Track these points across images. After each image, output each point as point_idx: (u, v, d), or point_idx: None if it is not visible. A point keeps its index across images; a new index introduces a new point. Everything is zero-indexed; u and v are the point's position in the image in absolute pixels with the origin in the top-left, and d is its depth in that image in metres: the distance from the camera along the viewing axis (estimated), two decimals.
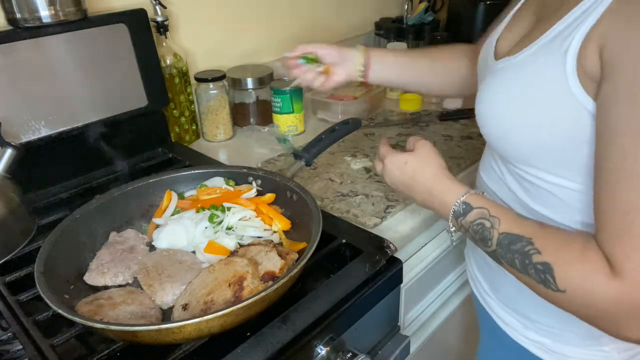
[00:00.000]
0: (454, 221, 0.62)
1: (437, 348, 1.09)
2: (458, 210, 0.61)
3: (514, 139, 0.59)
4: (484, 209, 0.58)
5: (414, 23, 1.55)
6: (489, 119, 0.62)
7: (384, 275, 0.74)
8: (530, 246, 0.51)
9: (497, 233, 0.55)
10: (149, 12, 1.02)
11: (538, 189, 0.60)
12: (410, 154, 0.69)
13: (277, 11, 1.38)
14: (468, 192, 0.61)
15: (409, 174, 0.68)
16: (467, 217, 0.60)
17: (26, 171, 0.88)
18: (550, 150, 0.56)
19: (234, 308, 0.56)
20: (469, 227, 0.60)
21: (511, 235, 0.54)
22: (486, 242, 0.57)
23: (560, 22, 0.53)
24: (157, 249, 0.79)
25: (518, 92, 0.57)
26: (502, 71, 0.60)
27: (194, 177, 0.91)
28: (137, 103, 1.05)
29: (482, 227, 0.57)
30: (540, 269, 0.50)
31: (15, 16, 0.86)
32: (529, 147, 0.58)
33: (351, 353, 0.70)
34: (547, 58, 0.53)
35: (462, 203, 0.61)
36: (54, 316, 0.66)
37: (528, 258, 0.51)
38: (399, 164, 0.69)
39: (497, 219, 0.56)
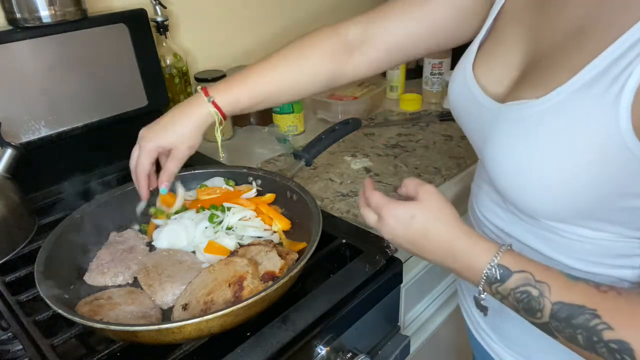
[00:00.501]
0: (486, 288, 0.52)
1: (437, 348, 1.09)
2: (493, 275, 0.50)
3: (544, 198, 0.51)
4: (527, 273, 0.49)
5: None
6: (510, 173, 0.53)
7: (384, 275, 0.74)
8: (597, 320, 0.44)
9: (549, 303, 0.47)
10: (149, 12, 1.02)
11: (560, 238, 0.55)
12: (417, 206, 0.55)
13: (276, 11, 1.38)
14: (500, 251, 0.51)
15: (418, 231, 0.55)
16: (505, 283, 0.50)
17: (26, 171, 0.88)
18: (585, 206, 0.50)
19: (234, 308, 0.56)
20: (508, 294, 0.50)
21: (569, 306, 0.46)
22: (534, 314, 0.49)
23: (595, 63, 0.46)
24: (157, 249, 0.79)
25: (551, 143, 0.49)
26: (521, 119, 0.52)
27: (194, 177, 0.91)
28: (137, 103, 1.05)
29: (529, 296, 0.48)
30: (615, 348, 0.43)
31: (15, 16, 0.86)
32: (565, 207, 0.51)
33: (351, 353, 0.70)
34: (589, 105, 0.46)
35: (497, 266, 0.50)
36: (54, 316, 0.66)
37: (597, 335, 0.44)
38: (403, 218, 0.55)
39: (545, 285, 0.47)
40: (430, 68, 1.38)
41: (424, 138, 1.17)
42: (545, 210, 0.53)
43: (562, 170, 0.49)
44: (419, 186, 0.57)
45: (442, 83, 1.35)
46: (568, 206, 0.51)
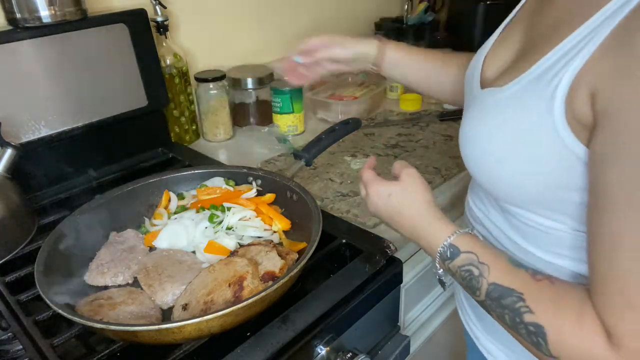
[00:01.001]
0: (440, 264, 0.58)
1: (437, 348, 1.09)
2: (445, 253, 0.56)
3: (497, 179, 0.55)
4: (472, 253, 0.54)
5: (414, 23, 1.55)
6: (471, 152, 0.58)
7: (384, 275, 0.74)
8: (522, 302, 0.48)
9: (486, 283, 0.51)
10: (149, 12, 1.02)
11: (526, 227, 0.57)
12: (396, 185, 0.63)
13: (277, 11, 1.38)
14: (455, 233, 0.56)
15: (393, 207, 0.62)
16: (454, 261, 0.55)
17: (26, 171, 0.88)
18: (535, 195, 0.53)
19: (234, 308, 0.56)
20: (456, 271, 0.56)
21: (501, 288, 0.50)
22: (474, 291, 0.53)
23: (548, 56, 0.48)
24: (157, 249, 0.79)
25: (503, 130, 0.53)
26: (486, 104, 0.56)
27: (194, 177, 0.91)
28: (137, 103, 1.05)
29: (470, 275, 0.53)
30: (532, 330, 0.47)
31: (15, 16, 0.86)
32: (513, 189, 0.55)
33: (351, 353, 0.70)
34: (534, 98, 0.49)
35: (449, 245, 0.56)
36: (54, 316, 0.66)
37: (519, 316, 0.48)
38: (382, 195, 0.63)
39: (486, 267, 0.52)
40: None
41: (424, 138, 1.17)
42: (500, 193, 0.57)
43: (506, 156, 0.53)
44: (403, 168, 0.64)
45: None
46: (518, 193, 0.55)
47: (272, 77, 1.25)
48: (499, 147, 0.53)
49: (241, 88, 1.23)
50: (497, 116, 0.54)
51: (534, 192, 0.53)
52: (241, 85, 1.22)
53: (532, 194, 0.53)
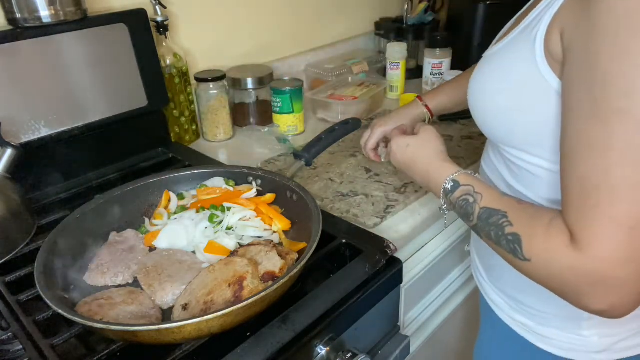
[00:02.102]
0: (444, 199, 0.66)
1: (437, 348, 1.09)
2: (447, 187, 0.64)
3: (494, 122, 0.62)
4: (470, 186, 0.62)
5: (414, 23, 1.55)
6: (474, 103, 0.65)
7: (384, 275, 0.74)
8: (505, 219, 0.54)
9: (478, 208, 0.59)
10: (149, 12, 1.02)
11: (519, 168, 0.63)
12: (412, 137, 0.73)
13: (277, 11, 1.38)
14: (458, 172, 0.65)
15: (409, 155, 0.72)
16: (454, 193, 0.63)
17: (26, 171, 0.88)
18: (526, 131, 0.58)
19: (234, 308, 0.56)
20: (455, 203, 0.63)
21: (490, 210, 0.57)
22: (469, 217, 0.60)
23: (532, 12, 0.56)
24: (157, 249, 0.79)
25: (497, 77, 0.60)
26: (485, 59, 0.64)
27: (194, 177, 0.91)
28: (137, 103, 1.05)
29: (467, 203, 0.61)
30: (511, 239, 0.53)
31: (15, 16, 0.86)
32: (508, 129, 0.61)
33: (351, 353, 0.70)
34: (520, 45, 0.56)
35: (451, 180, 0.64)
36: (54, 316, 0.66)
37: (501, 230, 0.54)
38: (402, 145, 0.73)
39: (480, 195, 0.59)
40: (430, 68, 1.38)
41: None
42: (497, 135, 0.64)
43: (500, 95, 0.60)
44: (422, 125, 0.76)
45: (442, 83, 1.35)
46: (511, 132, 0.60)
47: (272, 77, 1.25)
48: (492, 90, 0.61)
49: (241, 88, 1.23)
50: (491, 66, 0.62)
51: (525, 128, 0.58)
52: (241, 85, 1.22)
53: (523, 130, 0.59)
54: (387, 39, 1.57)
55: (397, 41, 1.50)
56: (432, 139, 0.72)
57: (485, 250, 0.74)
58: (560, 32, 0.50)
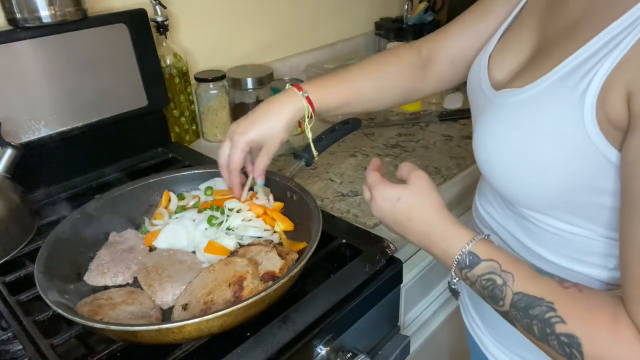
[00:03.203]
0: (457, 272, 0.55)
1: (437, 348, 1.09)
2: (463, 261, 0.53)
3: (518, 182, 0.53)
4: (495, 262, 0.51)
5: (414, 23, 1.55)
6: (491, 156, 0.56)
7: (384, 275, 0.74)
8: (553, 312, 0.45)
9: (511, 292, 0.49)
10: (149, 12, 1.02)
11: (541, 231, 0.56)
12: (405, 189, 0.59)
13: (277, 11, 1.38)
14: (474, 240, 0.53)
15: (402, 213, 0.58)
16: (474, 270, 0.52)
17: (26, 171, 0.88)
18: (555, 196, 0.51)
19: (234, 308, 0.56)
20: (475, 280, 0.53)
21: (528, 297, 0.47)
22: (497, 301, 0.50)
23: (575, 55, 0.47)
24: (157, 249, 0.79)
25: (527, 132, 0.51)
26: (506, 106, 0.54)
27: (194, 177, 0.91)
28: (137, 103, 1.05)
29: (493, 284, 0.50)
30: (565, 341, 0.44)
31: (15, 16, 0.86)
32: (531, 190, 0.53)
33: (351, 353, 0.70)
34: (561, 99, 0.47)
35: (468, 253, 0.53)
36: (54, 316, 0.66)
37: (550, 327, 0.45)
38: (390, 199, 0.59)
39: (510, 275, 0.49)
40: None
41: (424, 138, 1.17)
42: (517, 196, 0.55)
43: (532, 159, 0.51)
44: (412, 171, 0.60)
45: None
46: (538, 195, 0.52)
47: (272, 77, 1.25)
48: (518, 144, 0.51)
49: (241, 88, 1.23)
50: (517, 115, 0.52)
51: (553, 194, 0.51)
52: (241, 85, 1.22)
53: (551, 196, 0.51)
54: (387, 39, 1.57)
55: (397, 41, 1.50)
56: (429, 190, 0.58)
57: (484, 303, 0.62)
58: (626, 94, 0.41)
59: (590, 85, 0.44)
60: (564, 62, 0.48)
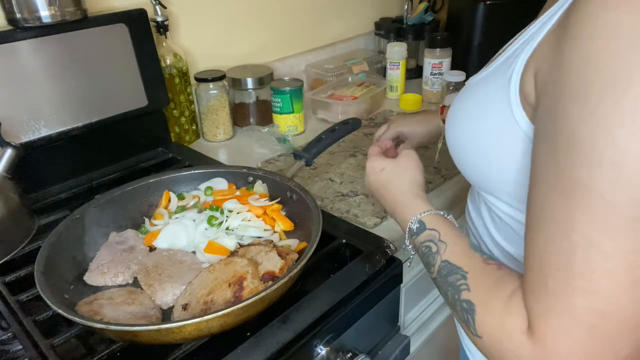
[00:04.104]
0: (409, 239, 0.59)
1: (437, 348, 1.09)
2: (412, 228, 0.58)
3: (468, 163, 0.56)
4: (436, 231, 0.55)
5: (414, 23, 1.55)
6: (452, 137, 0.58)
7: (384, 275, 0.74)
8: (463, 280, 0.48)
9: (439, 260, 0.52)
10: (149, 12, 1.02)
11: (499, 218, 0.56)
12: (390, 161, 0.67)
13: (277, 11, 1.38)
14: (428, 211, 0.58)
15: (382, 180, 0.66)
16: (419, 236, 0.57)
17: (26, 171, 0.88)
18: (499, 178, 0.52)
19: (234, 308, 0.56)
20: (418, 247, 0.57)
21: (451, 265, 0.50)
22: (429, 267, 0.54)
23: (513, 45, 0.50)
24: (157, 249, 0.79)
25: (472, 114, 0.53)
26: (467, 89, 0.57)
27: (194, 177, 0.91)
28: (137, 103, 1.05)
29: (429, 251, 0.54)
30: (465, 307, 0.46)
31: (15, 16, 0.86)
32: (481, 174, 0.54)
33: (351, 353, 0.70)
34: (495, 81, 0.49)
35: (417, 221, 0.58)
36: (54, 316, 0.66)
37: (458, 293, 0.48)
38: (376, 168, 0.67)
39: (444, 245, 0.53)
40: (430, 68, 1.38)
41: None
42: (472, 176, 0.57)
43: (477, 138, 0.52)
44: (404, 149, 0.69)
45: (442, 83, 1.35)
46: (484, 174, 0.54)
47: (272, 77, 1.25)
48: (470, 130, 0.54)
49: (241, 88, 1.23)
50: (468, 99, 0.55)
51: (498, 176, 0.51)
52: (241, 85, 1.22)
53: (497, 178, 0.52)
54: (387, 39, 1.57)
55: (397, 41, 1.50)
56: (411, 166, 0.65)
57: None
58: (534, 72, 0.43)
59: (515, 68, 0.46)
60: (507, 49, 0.51)
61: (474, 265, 0.49)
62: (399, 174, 0.65)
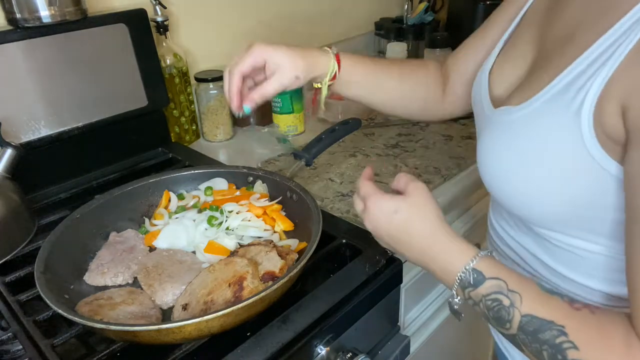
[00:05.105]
0: (459, 291, 0.52)
1: (437, 348, 1.09)
2: (466, 279, 0.50)
3: (525, 201, 0.51)
4: (501, 280, 0.48)
5: (414, 23, 1.55)
6: (494, 177, 0.54)
7: (384, 275, 0.74)
8: (564, 337, 0.43)
9: (519, 314, 0.46)
10: (149, 12, 1.02)
11: (558, 249, 0.53)
12: (402, 200, 0.55)
13: (276, 11, 1.38)
14: (477, 256, 0.50)
15: (399, 226, 0.55)
16: (478, 289, 0.49)
17: (26, 171, 0.88)
18: (563, 215, 0.49)
19: (234, 308, 0.56)
20: (480, 301, 0.50)
21: (538, 320, 0.45)
22: (503, 324, 0.48)
23: (569, 70, 0.46)
24: (157, 249, 0.79)
25: (526, 151, 0.49)
26: (503, 125, 0.53)
27: (194, 177, 0.91)
28: (137, 103, 1.05)
29: (499, 305, 0.47)
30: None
31: (15, 16, 0.86)
32: (543, 212, 0.51)
33: (351, 353, 0.70)
34: (557, 115, 0.46)
35: (471, 271, 0.50)
36: (54, 316, 0.66)
37: (561, 353, 0.43)
38: (387, 211, 0.55)
39: (517, 295, 0.46)
40: None
41: (424, 138, 1.17)
42: (523, 214, 0.53)
43: (532, 177, 0.49)
44: (410, 182, 0.56)
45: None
46: (540, 212, 0.51)
47: None
48: (520, 168, 0.50)
49: None
50: (514, 136, 0.51)
51: (560, 212, 0.49)
52: None
53: (559, 214, 0.50)
54: (387, 39, 1.57)
55: (397, 41, 1.50)
56: (429, 204, 0.55)
57: None
58: (621, 106, 0.40)
59: (585, 100, 0.43)
60: (558, 78, 0.47)
61: (564, 315, 0.44)
62: (419, 215, 0.54)
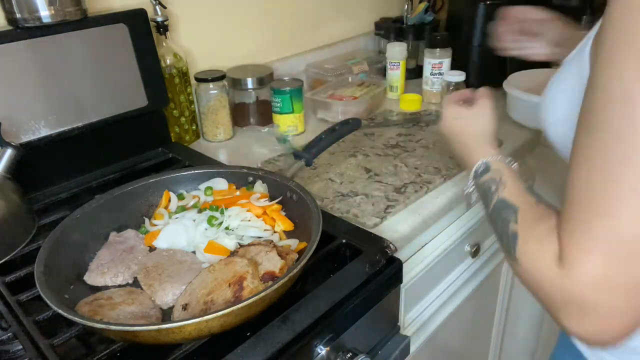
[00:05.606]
0: (473, 180, 0.66)
1: (437, 348, 1.09)
2: (478, 168, 0.64)
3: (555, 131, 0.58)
4: (499, 172, 0.61)
5: (414, 23, 1.55)
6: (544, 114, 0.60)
7: (384, 275, 0.74)
8: (513, 215, 0.53)
9: (497, 197, 0.57)
10: (149, 12, 1.02)
11: None
12: (465, 110, 0.73)
13: (276, 11, 1.38)
14: (494, 156, 0.64)
15: (455, 128, 0.73)
16: (483, 177, 0.63)
17: (26, 171, 0.88)
18: None
19: (234, 308, 0.56)
20: (481, 186, 0.63)
21: (506, 202, 0.56)
22: (487, 204, 0.59)
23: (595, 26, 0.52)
24: (157, 249, 0.79)
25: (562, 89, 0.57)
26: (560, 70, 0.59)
27: (194, 177, 0.91)
28: (137, 103, 1.05)
29: (489, 189, 0.60)
30: (510, 238, 0.51)
31: (15, 16, 0.86)
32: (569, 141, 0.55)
33: (351, 353, 0.70)
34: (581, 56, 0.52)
35: (483, 164, 0.64)
36: (54, 316, 0.66)
37: (506, 225, 0.53)
38: (451, 116, 0.74)
39: (504, 185, 0.58)
40: (430, 68, 1.38)
41: (424, 138, 1.17)
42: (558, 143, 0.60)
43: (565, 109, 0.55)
44: (482, 97, 0.74)
45: (442, 83, 1.35)
46: None
47: (272, 77, 1.25)
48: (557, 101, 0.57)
49: (241, 88, 1.23)
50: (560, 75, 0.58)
51: None
52: (241, 85, 1.22)
53: None
54: (387, 39, 1.57)
55: (397, 41, 1.50)
56: (484, 116, 0.72)
57: None
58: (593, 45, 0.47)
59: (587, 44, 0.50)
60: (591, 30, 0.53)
61: (526, 203, 0.54)
62: (471, 124, 0.71)
